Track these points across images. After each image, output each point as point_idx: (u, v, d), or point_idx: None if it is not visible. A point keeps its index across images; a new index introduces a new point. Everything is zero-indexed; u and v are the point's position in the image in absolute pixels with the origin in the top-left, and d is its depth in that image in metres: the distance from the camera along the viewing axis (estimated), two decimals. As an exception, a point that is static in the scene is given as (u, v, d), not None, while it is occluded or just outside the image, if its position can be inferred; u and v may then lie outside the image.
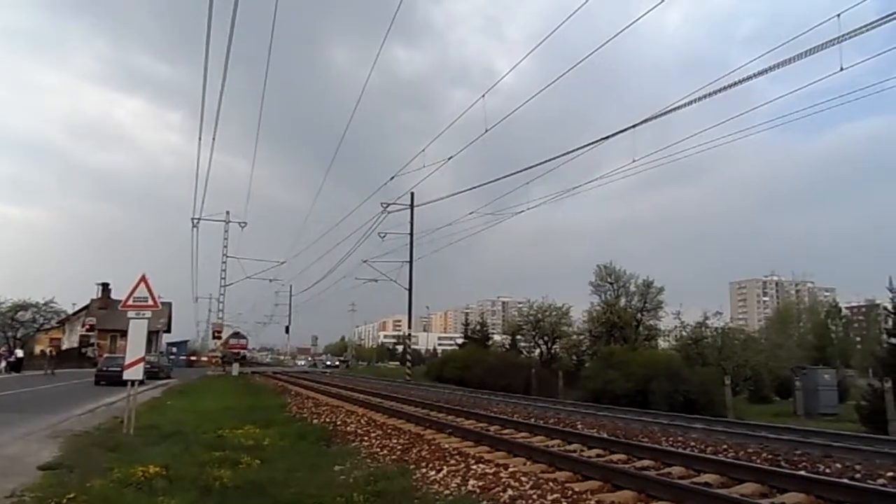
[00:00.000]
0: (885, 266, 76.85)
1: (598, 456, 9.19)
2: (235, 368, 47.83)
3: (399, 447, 9.88)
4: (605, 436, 11.29)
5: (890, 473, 7.80)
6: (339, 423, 13.55)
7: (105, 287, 61.98)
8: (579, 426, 13.43)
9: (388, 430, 12.02)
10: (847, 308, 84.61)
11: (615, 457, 9.09)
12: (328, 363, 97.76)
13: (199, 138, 20.77)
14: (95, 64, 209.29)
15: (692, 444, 10.79)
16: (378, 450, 9.72)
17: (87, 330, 57.87)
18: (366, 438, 11.00)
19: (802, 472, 7.60)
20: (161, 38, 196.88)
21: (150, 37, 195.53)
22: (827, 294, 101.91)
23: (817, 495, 6.34)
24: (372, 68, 30.40)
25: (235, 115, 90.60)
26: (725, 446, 10.42)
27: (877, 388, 18.62)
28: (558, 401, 25.15)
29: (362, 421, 13.74)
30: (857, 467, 8.26)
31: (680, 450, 9.65)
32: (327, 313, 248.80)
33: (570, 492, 6.53)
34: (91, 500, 5.81)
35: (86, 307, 62.17)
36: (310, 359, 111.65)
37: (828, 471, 8.10)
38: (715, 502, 5.88)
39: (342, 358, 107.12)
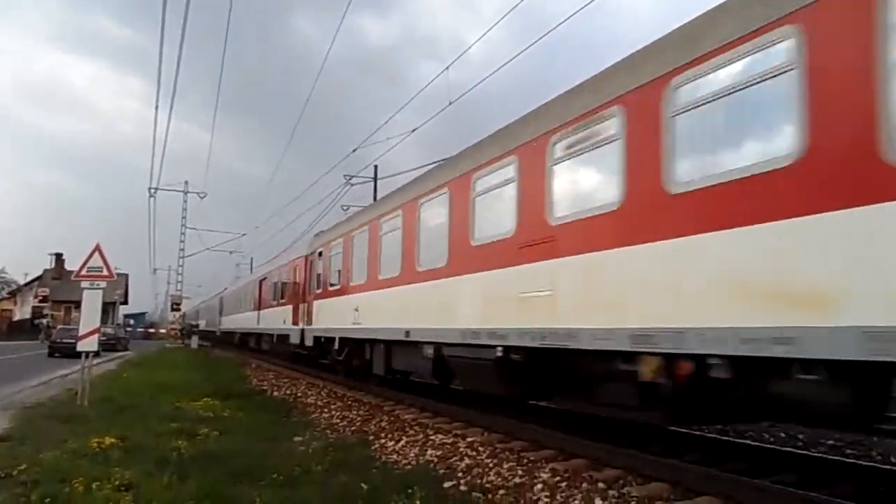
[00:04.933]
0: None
1: (553, 426, 9.39)
2: (195, 341, 47.02)
3: (359, 418, 9.97)
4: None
5: (830, 441, 8.20)
6: (299, 394, 13.58)
7: (59, 257, 60.36)
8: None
9: (349, 402, 12.09)
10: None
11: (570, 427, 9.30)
12: None
13: (157, 104, 20.25)
14: (48, 24, 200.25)
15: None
16: (338, 421, 9.80)
17: (40, 301, 56.36)
18: (326, 410, 11.06)
19: (748, 441, 7.93)
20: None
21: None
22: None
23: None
24: (334, 37, 29.66)
25: (196, 82, 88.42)
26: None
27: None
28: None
29: (322, 393, 13.79)
30: (800, 437, 8.66)
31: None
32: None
33: (525, 460, 6.71)
34: (44, 472, 5.72)
35: (38, 277, 60.49)
36: None
37: (772, 440, 8.47)
38: (660, 468, 6.10)
39: None
